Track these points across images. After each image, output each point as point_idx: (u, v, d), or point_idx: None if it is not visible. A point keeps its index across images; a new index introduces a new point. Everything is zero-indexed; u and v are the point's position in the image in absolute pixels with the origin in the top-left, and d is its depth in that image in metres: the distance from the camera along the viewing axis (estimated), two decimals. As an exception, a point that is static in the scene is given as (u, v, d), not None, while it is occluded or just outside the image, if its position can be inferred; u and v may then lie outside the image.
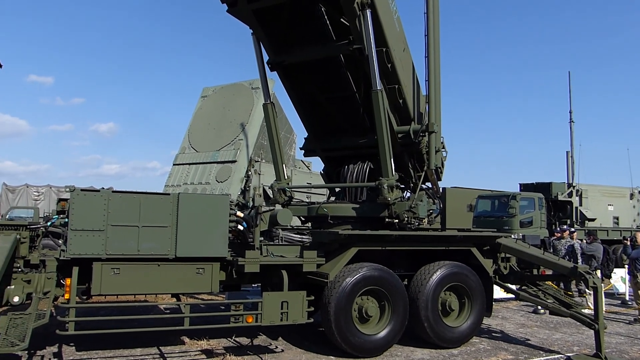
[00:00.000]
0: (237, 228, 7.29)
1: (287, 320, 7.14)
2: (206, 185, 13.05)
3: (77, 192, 6.26)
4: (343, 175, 9.25)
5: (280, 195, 9.38)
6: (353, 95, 8.90)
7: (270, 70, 9.03)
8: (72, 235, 6.20)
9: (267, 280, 7.76)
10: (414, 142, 8.58)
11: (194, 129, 14.48)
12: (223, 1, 8.11)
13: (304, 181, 14.32)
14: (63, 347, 7.32)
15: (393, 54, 8.12)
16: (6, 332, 5.73)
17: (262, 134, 13.61)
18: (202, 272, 6.93)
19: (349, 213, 8.47)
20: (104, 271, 6.37)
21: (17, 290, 6.36)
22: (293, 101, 9.43)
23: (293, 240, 8.54)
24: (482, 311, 8.31)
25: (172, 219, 6.65)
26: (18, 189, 23.08)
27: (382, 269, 7.59)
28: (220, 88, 14.87)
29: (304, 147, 10.01)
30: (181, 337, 8.00)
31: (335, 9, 8.01)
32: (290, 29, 8.51)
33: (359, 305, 7.46)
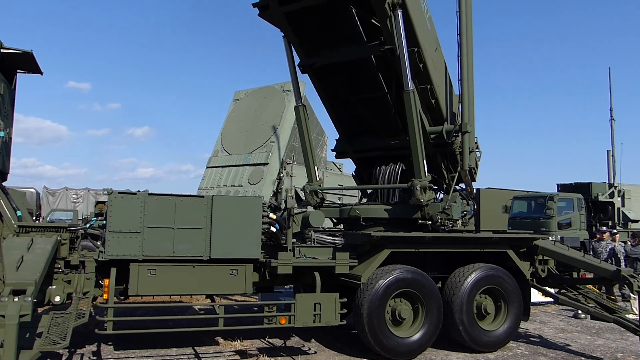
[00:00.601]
0: (269, 230, 7.33)
1: (320, 322, 7.14)
2: (239, 188, 13.18)
3: (115, 195, 6.42)
4: (375, 177, 9.20)
5: (312, 197, 9.39)
6: (384, 96, 8.84)
7: (302, 73, 9.07)
8: (110, 236, 6.35)
9: (299, 281, 7.79)
10: (447, 142, 8.46)
11: (226, 132, 14.66)
12: (255, 5, 8.19)
13: (336, 183, 14.30)
14: (102, 346, 7.50)
15: (425, 53, 8.03)
16: (48, 331, 5.92)
17: (294, 136, 13.67)
18: (236, 274, 6.99)
19: (381, 215, 8.41)
20: (141, 272, 6.51)
21: (58, 290, 6.55)
22: (324, 103, 9.43)
23: (325, 242, 8.53)
24: (519, 315, 8.11)
25: (206, 220, 6.74)
26: (58, 192, 23.87)
27: (415, 271, 7.50)
28: (252, 91, 15.01)
29: (336, 149, 10.00)
30: (215, 338, 8.10)
31: (366, 10, 7.98)
32: (321, 31, 8.52)
33: (392, 308, 7.40)
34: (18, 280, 5.37)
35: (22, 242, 6.12)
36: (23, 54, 7.11)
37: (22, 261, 5.65)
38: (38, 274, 5.56)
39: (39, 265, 5.71)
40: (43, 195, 22.90)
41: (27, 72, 7.91)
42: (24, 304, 5.16)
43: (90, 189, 24.01)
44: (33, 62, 7.46)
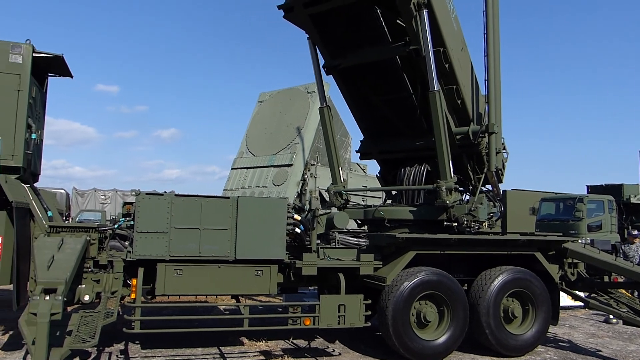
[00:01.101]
0: (294, 231, 7.35)
1: (345, 323, 7.14)
2: (263, 189, 13.25)
3: (143, 196, 6.52)
4: (399, 178, 9.13)
5: (337, 198, 9.38)
6: (410, 97, 8.77)
7: (326, 74, 9.07)
8: (138, 237, 6.46)
9: (323, 283, 7.79)
10: (474, 143, 8.35)
11: (251, 133, 14.76)
12: (280, 7, 8.23)
13: (360, 184, 14.26)
14: (129, 344, 7.63)
15: (451, 53, 7.94)
16: (77, 329, 6.04)
17: (318, 137, 13.67)
18: (261, 274, 7.03)
19: (406, 216, 8.34)
20: (168, 272, 6.60)
21: (88, 290, 6.68)
22: (349, 104, 9.42)
23: (350, 243, 8.53)
24: (548, 319, 7.95)
25: (231, 221, 6.80)
26: (87, 193, 24.40)
27: (440, 274, 7.43)
28: (276, 93, 15.09)
29: (360, 150, 9.96)
30: (240, 338, 8.15)
31: (391, 10, 7.94)
32: (346, 32, 8.50)
33: (417, 310, 7.34)
34: (49, 279, 5.50)
35: (53, 241, 6.27)
36: (54, 58, 7.29)
37: (53, 260, 5.78)
38: (68, 273, 5.69)
39: (70, 264, 5.84)
40: (72, 196, 23.44)
41: (58, 75, 8.12)
42: (55, 303, 5.28)
43: (118, 190, 24.47)
44: (64, 65, 7.65)
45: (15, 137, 6.64)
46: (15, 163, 6.65)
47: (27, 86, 6.72)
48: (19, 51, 6.79)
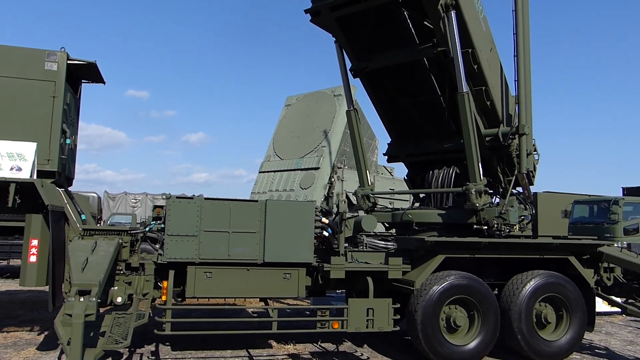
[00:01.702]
0: (322, 234, 7.35)
1: (373, 327, 7.09)
2: (290, 192, 13.30)
3: (173, 200, 6.62)
4: (428, 181, 9.05)
5: (364, 201, 9.35)
6: (438, 99, 8.69)
7: (353, 77, 9.06)
8: (168, 240, 6.55)
9: (351, 286, 7.76)
10: (503, 145, 8.21)
11: (278, 137, 14.85)
12: (307, 11, 8.26)
13: (387, 187, 14.19)
14: (160, 346, 7.73)
15: (479, 54, 7.83)
16: (111, 330, 6.17)
17: (345, 140, 13.67)
18: (289, 277, 7.05)
19: (435, 219, 8.26)
20: (198, 275, 6.67)
21: (120, 291, 6.80)
22: (376, 107, 9.38)
23: (377, 246, 8.48)
24: (583, 325, 7.73)
25: (260, 225, 6.84)
26: (118, 197, 24.90)
27: (470, 278, 7.31)
28: (303, 96, 15.14)
29: (388, 153, 9.91)
30: (269, 341, 8.18)
31: (418, 12, 7.88)
32: (372, 35, 8.48)
33: (446, 315, 7.24)
34: (83, 281, 5.63)
35: (86, 244, 6.41)
36: (87, 64, 7.47)
37: (87, 263, 5.92)
38: (102, 275, 5.81)
39: (103, 267, 5.97)
40: (104, 200, 23.95)
41: (91, 81, 8.31)
42: (89, 304, 5.40)
43: (148, 194, 24.90)
44: (96, 72, 7.83)
45: (50, 143, 6.82)
46: (51, 167, 6.83)
47: (62, 93, 6.90)
48: (54, 59, 6.98)
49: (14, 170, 6.39)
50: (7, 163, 6.44)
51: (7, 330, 8.34)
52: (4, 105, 6.67)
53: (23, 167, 6.41)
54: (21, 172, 6.39)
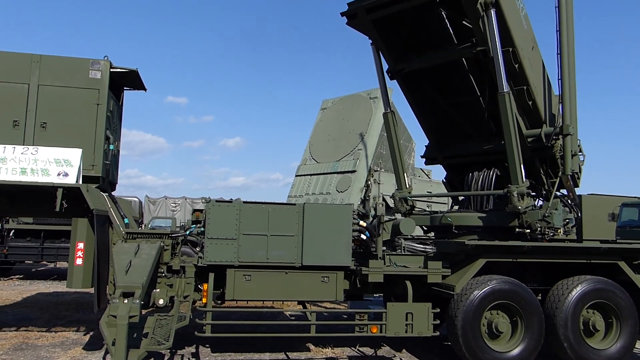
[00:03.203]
0: (360, 237, 7.31)
1: (412, 332, 7.01)
2: (327, 195, 13.28)
3: (212, 203, 6.71)
4: (467, 183, 8.86)
5: (402, 204, 9.25)
6: (477, 100, 8.51)
7: (390, 79, 8.98)
8: (208, 243, 6.65)
9: (390, 290, 7.68)
10: (547, 146, 7.96)
11: (314, 140, 14.87)
12: (343, 14, 8.25)
13: (424, 190, 13.99)
14: (200, 347, 7.84)
15: (521, 53, 7.62)
16: (153, 332, 6.30)
17: (381, 143, 13.56)
18: (327, 281, 7.03)
19: (475, 222, 8.07)
20: (237, 277, 6.75)
21: (162, 294, 6.93)
22: (413, 109, 9.27)
23: (416, 250, 8.36)
24: (635, 334, 7.39)
25: (298, 228, 6.86)
26: (158, 201, 25.45)
27: (513, 282, 7.12)
28: (339, 99, 15.12)
29: (426, 155, 9.77)
30: (306, 344, 8.18)
31: (456, 11, 7.74)
32: (410, 36, 8.39)
33: (488, 320, 7.07)
34: (127, 284, 5.77)
35: (130, 247, 6.57)
36: (129, 72, 7.67)
37: (131, 265, 6.07)
38: (145, 277, 5.94)
39: (146, 269, 6.10)
40: (145, 204, 24.53)
41: (133, 89, 8.54)
42: (133, 306, 5.53)
43: (187, 198, 25.37)
44: (138, 79, 8.03)
45: (95, 149, 7.03)
46: (95, 173, 7.04)
47: (105, 100, 7.11)
48: (97, 67, 7.20)
49: (60, 176, 6.61)
50: (55, 169, 6.66)
51: (55, 330, 8.63)
52: (51, 113, 6.92)
53: (69, 172, 6.62)
54: (68, 178, 6.60)
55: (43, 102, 6.90)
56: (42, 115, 6.88)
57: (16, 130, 6.81)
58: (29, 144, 6.79)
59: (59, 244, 14.65)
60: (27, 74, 6.92)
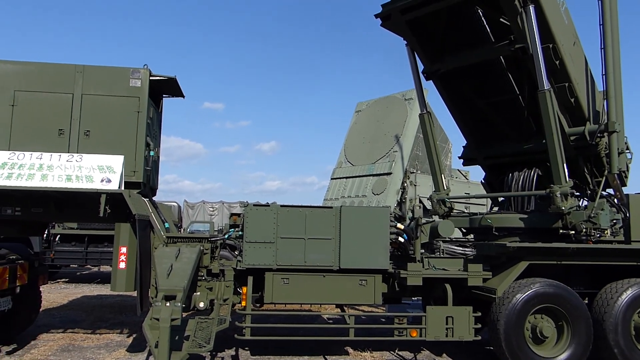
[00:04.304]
0: (397, 240, 7.24)
1: (453, 336, 6.90)
2: (363, 198, 13.23)
3: (250, 207, 6.78)
4: (507, 184, 8.65)
5: (440, 206, 9.11)
6: (516, 98, 8.32)
7: (426, 80, 8.88)
8: (247, 247, 6.71)
9: (428, 293, 7.57)
10: (591, 144, 7.69)
11: (349, 143, 14.84)
12: (377, 16, 8.21)
13: (462, 191, 13.75)
14: (239, 350, 7.91)
15: (562, 49, 7.40)
16: (194, 334, 6.40)
17: (417, 144, 13.42)
18: (365, 284, 7.00)
19: (516, 224, 7.87)
20: (275, 281, 6.79)
21: (202, 297, 7.03)
22: (450, 109, 9.13)
23: (455, 252, 8.23)
24: (689, 339, 7.05)
25: (335, 231, 6.85)
26: (196, 205, 25.94)
27: (558, 286, 6.90)
28: (373, 102, 15.06)
29: (463, 156, 9.61)
30: (345, 348, 8.13)
31: (493, 9, 7.59)
32: (445, 36, 8.28)
33: (532, 325, 6.88)
34: (169, 287, 5.88)
35: (170, 251, 6.69)
36: (168, 80, 7.82)
37: (172, 269, 6.17)
38: (186, 281, 6.04)
39: (186, 273, 6.20)
40: (183, 209, 25.03)
41: (172, 96, 8.70)
42: (175, 309, 5.62)
43: (224, 202, 25.76)
44: (176, 87, 8.18)
45: (136, 155, 7.19)
46: (137, 179, 7.20)
47: (145, 107, 7.27)
48: (137, 76, 7.37)
49: (104, 182, 6.79)
50: (98, 175, 6.84)
51: (99, 332, 8.87)
52: (94, 121, 7.12)
53: (112, 179, 6.80)
54: (110, 184, 6.77)
55: (86, 110, 7.11)
56: (86, 124, 7.08)
57: (61, 139, 7.03)
58: (73, 151, 7.00)
59: (102, 248, 15.09)
60: (71, 84, 7.14)
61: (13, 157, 6.73)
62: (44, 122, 7.00)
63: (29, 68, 7.15)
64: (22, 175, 6.62)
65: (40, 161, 6.74)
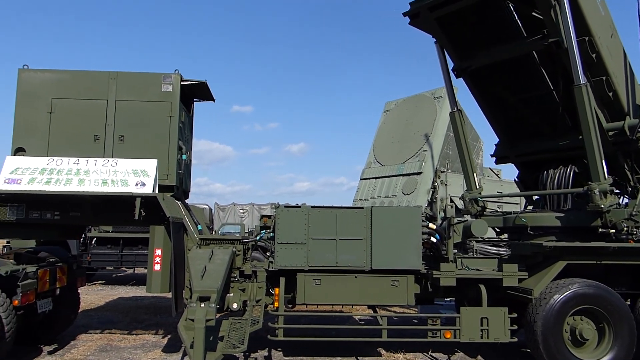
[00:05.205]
0: (429, 240, 7.15)
1: (488, 337, 6.78)
2: (392, 198, 13.14)
3: (281, 209, 6.81)
4: (542, 182, 8.45)
5: (473, 205, 8.96)
6: (550, 94, 8.11)
7: (456, 77, 8.75)
8: (278, 248, 6.74)
9: (461, 294, 7.46)
10: (631, 139, 7.42)
11: (378, 143, 14.77)
12: (405, 14, 8.14)
13: (494, 190, 13.50)
14: (272, 351, 7.95)
15: (598, 42, 7.17)
16: (228, 335, 6.46)
17: (447, 143, 13.25)
18: (397, 285, 6.94)
19: (552, 223, 7.66)
20: (307, 282, 6.80)
21: (235, 298, 7.11)
22: (482, 106, 8.96)
23: (489, 252, 8.09)
24: None
25: (366, 231, 6.82)
26: (227, 208, 26.23)
27: (598, 286, 6.69)
28: (402, 101, 14.94)
29: (496, 154, 9.42)
30: (377, 349, 8.08)
31: (525, 2, 7.43)
32: (475, 32, 8.14)
33: (571, 326, 6.69)
34: (203, 288, 5.95)
35: (204, 253, 6.78)
36: (199, 84, 7.94)
37: (206, 270, 6.25)
38: (220, 282, 6.11)
39: (220, 274, 6.27)
40: (215, 211, 25.34)
41: (202, 100, 8.82)
42: (209, 310, 5.69)
43: (254, 204, 25.98)
44: (207, 91, 8.29)
45: (169, 159, 7.32)
46: (170, 182, 7.32)
47: (177, 112, 7.39)
48: (169, 81, 7.50)
49: (138, 186, 6.93)
50: (133, 179, 6.99)
51: (135, 332, 9.05)
52: (128, 127, 7.28)
53: (146, 182, 6.93)
54: (145, 187, 6.91)
55: (120, 116, 7.27)
56: (120, 129, 7.25)
57: (97, 144, 7.22)
58: (108, 156, 7.17)
59: (136, 250, 15.41)
60: (106, 91, 7.32)
61: (52, 162, 6.94)
62: (80, 128, 7.20)
63: (65, 76, 7.36)
64: (60, 180, 6.81)
65: (77, 166, 6.93)
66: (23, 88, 7.24)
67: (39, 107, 7.19)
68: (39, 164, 6.91)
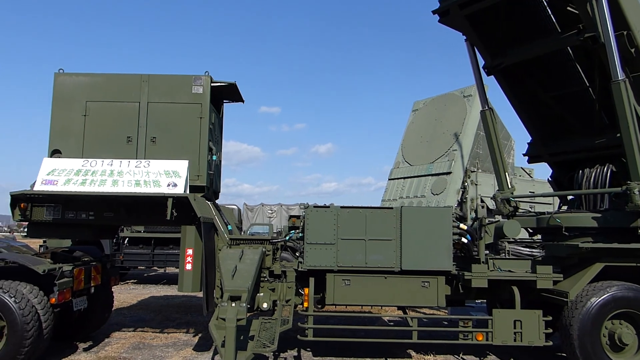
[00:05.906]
0: (460, 241, 7.04)
1: (522, 341, 6.65)
2: (422, 199, 13.00)
3: (311, 209, 6.81)
4: (577, 181, 8.22)
5: (505, 205, 8.78)
6: (585, 90, 7.89)
7: (487, 75, 8.60)
8: (308, 248, 6.75)
9: (493, 296, 7.33)
10: None
11: (407, 143, 14.63)
12: (435, 12, 8.04)
13: (526, 190, 13.22)
14: (301, 351, 7.95)
15: (638, 35, 6.93)
16: (258, 334, 6.50)
17: (477, 142, 13.04)
18: (427, 286, 6.86)
19: (588, 223, 7.44)
20: (336, 282, 6.78)
21: (265, 298, 7.14)
22: (514, 104, 8.79)
23: (521, 254, 7.91)
24: None
25: (396, 232, 6.76)
26: (255, 208, 26.38)
27: (638, 289, 6.49)
28: (430, 100, 14.77)
29: (529, 153, 9.21)
30: (407, 350, 8.00)
31: (559, -3, 7.26)
32: (507, 29, 7.98)
33: (609, 331, 6.50)
34: (234, 287, 5.99)
35: (234, 253, 6.83)
36: (228, 85, 8.01)
37: (236, 270, 6.30)
38: (250, 282, 6.14)
39: (250, 274, 6.30)
40: (243, 211, 25.52)
41: (231, 101, 8.90)
42: (240, 309, 5.72)
43: (282, 204, 26.06)
44: (236, 92, 8.36)
45: (199, 160, 7.41)
46: (200, 182, 7.41)
47: (207, 113, 7.48)
48: (199, 83, 7.59)
49: (170, 187, 7.03)
50: (165, 180, 7.09)
51: (167, 331, 9.19)
52: (159, 128, 7.39)
53: (178, 183, 7.02)
54: (176, 188, 7.00)
55: (152, 118, 7.39)
56: (152, 131, 7.37)
57: (130, 146, 7.35)
58: (141, 157, 7.29)
59: (167, 250, 15.67)
60: (138, 93, 7.46)
61: (86, 164, 7.10)
62: (113, 130, 7.35)
63: (98, 79, 7.53)
64: (94, 181, 6.97)
65: (111, 167, 7.07)
66: (59, 91, 7.43)
67: (74, 109, 7.37)
68: (75, 165, 7.08)
